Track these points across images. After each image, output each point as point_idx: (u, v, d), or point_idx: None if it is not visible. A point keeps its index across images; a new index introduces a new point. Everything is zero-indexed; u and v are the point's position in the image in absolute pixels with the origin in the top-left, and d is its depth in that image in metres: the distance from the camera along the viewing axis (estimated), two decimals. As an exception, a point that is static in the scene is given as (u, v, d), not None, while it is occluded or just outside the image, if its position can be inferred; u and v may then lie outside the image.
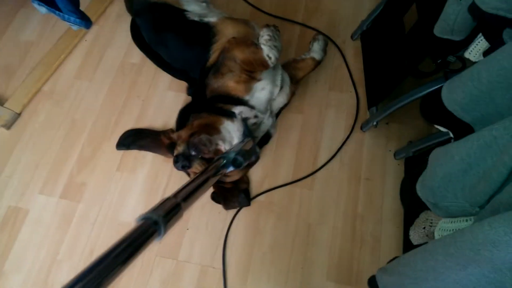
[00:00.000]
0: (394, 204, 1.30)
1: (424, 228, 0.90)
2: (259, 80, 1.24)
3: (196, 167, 1.21)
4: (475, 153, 0.60)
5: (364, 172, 1.35)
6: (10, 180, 1.39)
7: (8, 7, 1.67)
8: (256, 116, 1.26)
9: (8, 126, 1.45)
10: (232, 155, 0.91)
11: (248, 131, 1.19)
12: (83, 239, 1.30)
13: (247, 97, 1.25)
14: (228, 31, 1.29)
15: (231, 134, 1.22)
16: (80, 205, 1.35)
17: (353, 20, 1.58)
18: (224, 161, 0.87)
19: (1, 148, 1.43)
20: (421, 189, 0.75)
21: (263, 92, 1.26)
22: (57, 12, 1.19)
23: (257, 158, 1.33)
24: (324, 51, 1.45)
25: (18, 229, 1.33)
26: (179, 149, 1.19)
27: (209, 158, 1.19)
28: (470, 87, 0.64)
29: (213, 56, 1.29)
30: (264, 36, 1.23)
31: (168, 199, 0.64)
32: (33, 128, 1.46)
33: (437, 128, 1.02)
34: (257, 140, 1.29)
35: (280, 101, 1.33)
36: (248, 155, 0.98)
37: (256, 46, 1.22)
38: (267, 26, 1.28)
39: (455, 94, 0.69)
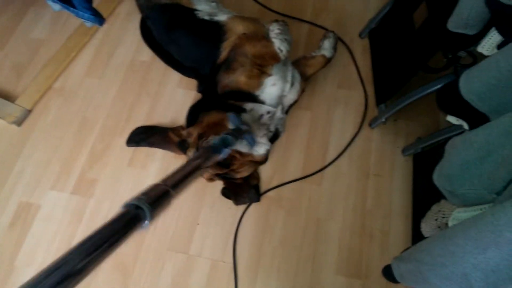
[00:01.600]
0: (403, 200, 1.31)
1: (436, 219, 0.91)
2: (270, 75, 1.26)
3: (210, 172, 1.23)
4: (494, 140, 0.61)
5: (373, 168, 1.37)
6: (21, 175, 1.40)
7: (18, 5, 1.68)
8: (268, 112, 1.28)
9: (19, 122, 1.46)
10: (218, 139, 0.88)
11: (241, 121, 1.16)
12: (94, 234, 1.31)
13: (257, 92, 1.26)
14: (238, 29, 1.31)
15: None
16: (92, 201, 1.36)
17: (360, 18, 1.60)
18: (212, 148, 0.84)
19: (12, 145, 1.44)
20: (438, 177, 0.77)
21: (274, 88, 1.27)
22: (71, 9, 1.20)
23: (266, 159, 1.34)
24: (334, 48, 1.46)
25: (30, 224, 1.34)
26: (189, 154, 1.21)
27: (222, 162, 1.21)
28: (488, 77, 0.66)
29: (224, 53, 1.30)
30: (274, 30, 1.25)
31: (156, 185, 0.60)
32: (44, 124, 1.47)
33: (445, 124, 1.03)
34: (270, 135, 1.31)
35: (290, 97, 1.35)
36: (238, 134, 0.96)
37: (267, 40, 1.24)
38: (276, 20, 1.30)
39: (472, 84, 0.71)
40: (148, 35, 1.53)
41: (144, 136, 1.43)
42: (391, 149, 1.39)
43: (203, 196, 1.36)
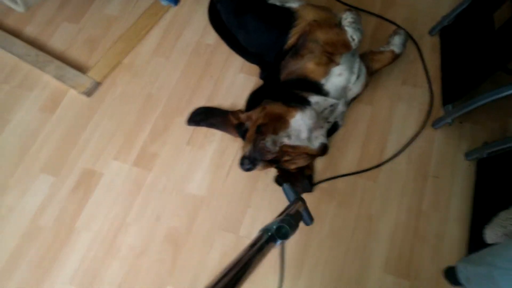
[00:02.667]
0: (461, 205, 1.27)
1: (503, 226, 0.88)
2: (337, 64, 1.25)
3: (260, 168, 1.24)
4: None
5: (432, 170, 1.33)
6: (88, 144, 1.48)
7: (94, -17, 1.77)
8: (331, 105, 1.28)
9: (89, 93, 1.55)
10: (274, 226, 0.76)
11: (296, 193, 0.98)
12: (151, 206, 1.38)
13: (323, 81, 1.26)
14: (309, 17, 1.31)
15: (300, 128, 1.23)
16: (151, 174, 1.42)
17: (431, 15, 1.54)
18: (268, 236, 0.75)
19: (81, 114, 1.53)
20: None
21: (340, 78, 1.27)
22: (149, -13, 1.25)
23: (324, 152, 1.31)
24: (404, 45, 1.43)
25: (92, 191, 1.42)
26: (245, 150, 1.23)
27: (273, 159, 1.22)
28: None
29: (292, 39, 1.31)
30: (347, 19, 1.24)
31: None
32: (112, 97, 1.55)
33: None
34: (328, 126, 1.30)
35: (354, 91, 1.33)
36: (296, 220, 0.82)
37: (340, 28, 1.23)
38: (349, 9, 1.28)
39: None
40: (216, 19, 1.57)
41: (204, 117, 1.47)
42: (454, 152, 1.34)
43: (256, 181, 1.38)
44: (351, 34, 1.22)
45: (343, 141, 1.40)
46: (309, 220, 0.93)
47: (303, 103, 1.27)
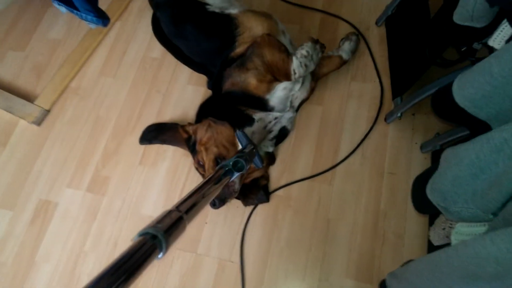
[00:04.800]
0: (420, 200, 1.23)
1: (443, 229, 0.84)
2: (281, 82, 1.22)
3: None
4: (485, 156, 0.54)
5: (388, 166, 1.29)
6: (41, 174, 1.46)
7: (37, 7, 1.73)
8: (276, 118, 1.25)
9: (39, 122, 1.52)
10: (231, 162, 0.85)
11: (249, 139, 1.07)
12: (107, 231, 1.35)
13: (267, 97, 1.23)
14: (250, 24, 1.27)
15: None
16: (105, 198, 1.39)
17: (376, 5, 1.49)
18: (225, 169, 0.83)
19: (32, 144, 1.50)
20: (431, 192, 0.70)
21: (284, 91, 1.24)
22: (75, 11, 1.21)
23: (273, 161, 1.32)
24: (353, 52, 1.39)
25: (49, 221, 1.40)
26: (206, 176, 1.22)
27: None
28: (481, 82, 0.58)
29: (241, 48, 1.27)
30: (302, 50, 1.21)
31: (169, 212, 0.59)
32: (61, 124, 1.52)
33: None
34: (274, 134, 1.27)
35: (300, 97, 1.30)
36: (249, 156, 0.93)
37: (288, 55, 1.20)
38: (314, 41, 1.25)
39: (466, 89, 0.62)
40: (159, 30, 1.53)
41: (156, 134, 1.44)
42: (408, 145, 1.30)
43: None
44: (295, 67, 1.18)
45: (296, 146, 1.37)
46: (260, 163, 1.00)
47: (248, 122, 1.25)
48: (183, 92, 1.50)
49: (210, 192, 0.72)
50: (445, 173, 0.65)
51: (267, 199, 1.31)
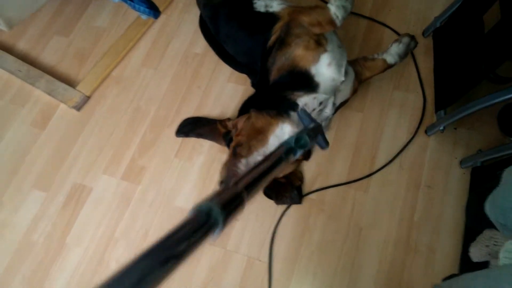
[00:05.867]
0: (455, 216, 1.22)
1: (487, 246, 0.83)
2: (325, 50, 1.21)
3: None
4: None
5: (425, 179, 1.28)
6: (77, 158, 1.49)
7: (83, -4, 1.77)
8: (320, 103, 1.22)
9: (79, 107, 1.55)
10: (292, 139, 0.76)
11: (311, 117, 1.02)
12: (139, 220, 1.37)
13: (313, 70, 1.21)
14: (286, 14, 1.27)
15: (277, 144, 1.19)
16: (139, 187, 1.41)
17: (424, 16, 1.48)
18: (286, 147, 0.75)
19: (71, 128, 1.54)
20: (491, 208, 0.69)
21: (329, 69, 1.21)
22: (128, 1, 1.24)
23: (309, 156, 1.30)
24: (401, 57, 1.33)
25: (82, 206, 1.42)
26: (222, 173, 1.20)
27: None
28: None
29: (274, 36, 1.27)
30: None
31: (227, 188, 0.53)
32: (100, 111, 1.55)
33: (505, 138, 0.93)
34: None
35: (343, 93, 1.27)
36: (314, 132, 0.85)
37: (321, 6, 1.22)
38: None
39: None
40: (205, 27, 1.54)
41: (193, 127, 1.45)
42: (448, 159, 1.28)
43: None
44: (334, 11, 1.19)
45: (333, 150, 1.36)
46: (324, 143, 0.91)
47: (291, 108, 1.23)
48: (222, 89, 1.51)
49: (272, 170, 0.65)
50: (508, 190, 0.64)
51: (300, 201, 1.31)
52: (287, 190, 1.31)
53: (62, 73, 1.63)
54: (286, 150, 0.74)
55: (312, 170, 1.35)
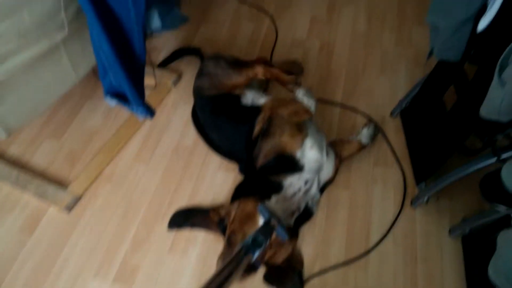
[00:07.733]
0: (456, 286, 1.23)
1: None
2: (307, 135, 1.34)
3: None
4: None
5: (420, 252, 1.31)
6: (66, 263, 1.42)
7: (76, 99, 1.86)
8: (306, 182, 1.30)
9: (69, 209, 1.54)
10: (249, 240, 0.88)
11: (269, 212, 1.12)
12: (135, 324, 1.29)
13: (299, 154, 1.32)
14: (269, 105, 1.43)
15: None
16: (133, 288, 1.36)
17: (390, 98, 1.67)
18: (244, 249, 0.84)
19: (60, 231, 1.49)
20: (495, 274, 0.72)
21: (312, 152, 1.33)
22: (126, 104, 1.33)
23: (297, 234, 1.33)
24: (372, 138, 1.53)
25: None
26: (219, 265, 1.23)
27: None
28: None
29: (257, 128, 1.39)
30: (299, 94, 1.43)
31: None
32: (91, 211, 1.54)
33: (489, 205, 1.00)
34: (296, 215, 1.31)
35: (326, 172, 1.37)
36: (267, 232, 0.96)
37: (296, 100, 1.42)
38: (299, 87, 1.49)
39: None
40: (196, 119, 1.66)
41: (186, 218, 1.46)
42: (437, 230, 1.34)
43: (244, 283, 1.33)
44: (306, 103, 1.40)
45: (327, 231, 1.39)
46: (284, 234, 1.02)
47: (275, 190, 1.31)
48: (214, 178, 1.57)
49: (232, 275, 0.73)
50: (506, 255, 0.68)
51: (301, 287, 1.29)
52: (288, 276, 1.29)
53: (53, 175, 1.64)
54: (245, 250, 0.84)
55: (310, 252, 1.36)
